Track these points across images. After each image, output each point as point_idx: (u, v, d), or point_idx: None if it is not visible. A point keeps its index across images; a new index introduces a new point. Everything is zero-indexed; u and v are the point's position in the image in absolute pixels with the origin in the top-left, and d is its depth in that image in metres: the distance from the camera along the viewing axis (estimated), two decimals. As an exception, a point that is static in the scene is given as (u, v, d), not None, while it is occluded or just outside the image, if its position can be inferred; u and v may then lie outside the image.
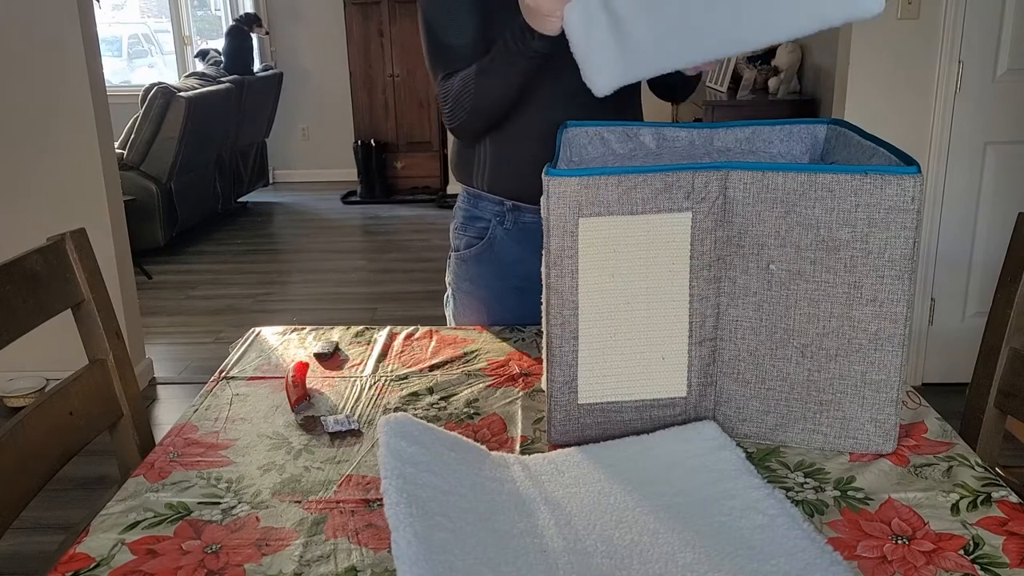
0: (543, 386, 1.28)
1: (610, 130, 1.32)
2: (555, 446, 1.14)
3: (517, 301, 1.55)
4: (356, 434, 1.18)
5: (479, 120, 1.43)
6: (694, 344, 1.11)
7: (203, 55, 6.11)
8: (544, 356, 1.18)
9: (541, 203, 1.10)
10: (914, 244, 1.02)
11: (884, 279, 1.03)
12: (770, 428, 1.12)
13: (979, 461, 1.07)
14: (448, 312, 1.68)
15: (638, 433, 1.13)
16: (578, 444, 1.13)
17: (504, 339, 1.49)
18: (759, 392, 1.11)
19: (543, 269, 1.10)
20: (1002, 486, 1.01)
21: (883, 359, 1.06)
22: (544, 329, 1.14)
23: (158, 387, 3.40)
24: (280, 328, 1.56)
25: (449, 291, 1.66)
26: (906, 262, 1.03)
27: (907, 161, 1.03)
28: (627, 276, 1.08)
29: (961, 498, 0.99)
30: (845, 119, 3.00)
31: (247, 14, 6.14)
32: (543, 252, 1.10)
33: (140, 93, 5.06)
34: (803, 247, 1.05)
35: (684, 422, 1.14)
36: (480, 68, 1.37)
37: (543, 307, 1.14)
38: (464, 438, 1.09)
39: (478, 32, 1.42)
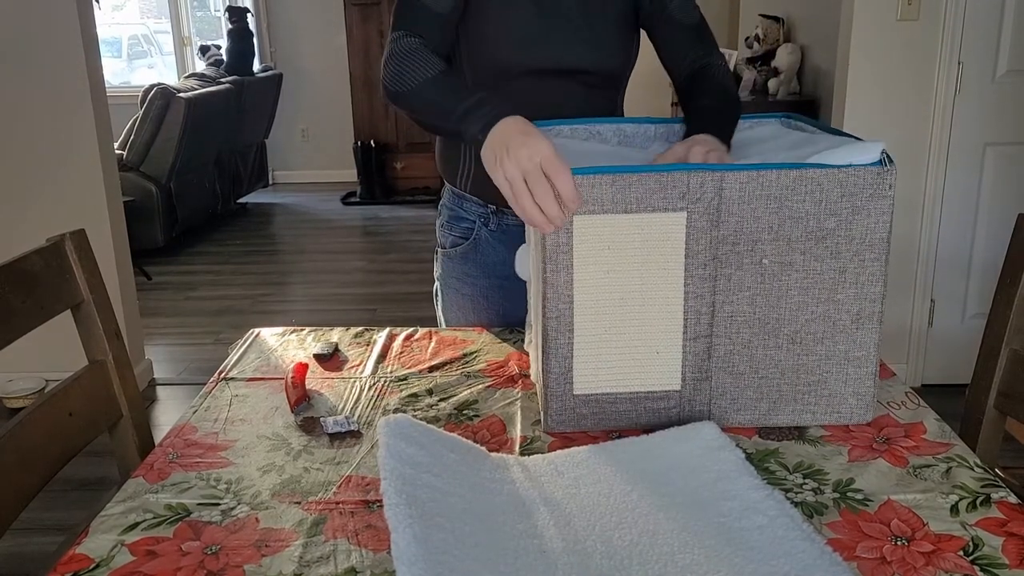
0: (533, 376, 1.29)
1: (572, 129, 1.34)
2: (552, 435, 1.16)
3: (501, 297, 1.58)
4: (355, 435, 1.18)
5: (404, 109, 1.32)
6: (689, 340, 1.13)
7: (204, 51, 6.11)
8: (536, 346, 1.20)
9: None
10: (889, 228, 1.10)
11: (865, 262, 1.10)
12: (762, 414, 1.16)
13: (978, 462, 1.07)
14: (437, 307, 1.69)
15: (634, 424, 1.15)
16: (574, 433, 1.16)
17: (503, 340, 1.49)
18: (752, 382, 1.15)
19: (539, 263, 1.11)
20: (1001, 487, 1.01)
21: (863, 337, 1.13)
22: (535, 321, 1.15)
23: (157, 388, 3.40)
24: (279, 329, 1.56)
25: (437, 285, 1.67)
26: (883, 244, 1.10)
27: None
28: (622, 273, 1.09)
29: (960, 499, 0.99)
30: (845, 120, 3.02)
31: (235, 8, 6.12)
32: (538, 247, 1.10)
33: (140, 94, 5.07)
34: (794, 239, 1.09)
35: (679, 414, 1.15)
36: (429, 90, 1.25)
37: (535, 299, 1.15)
38: (464, 439, 1.09)
39: (453, 9, 1.36)
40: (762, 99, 3.87)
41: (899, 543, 0.92)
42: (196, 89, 5.21)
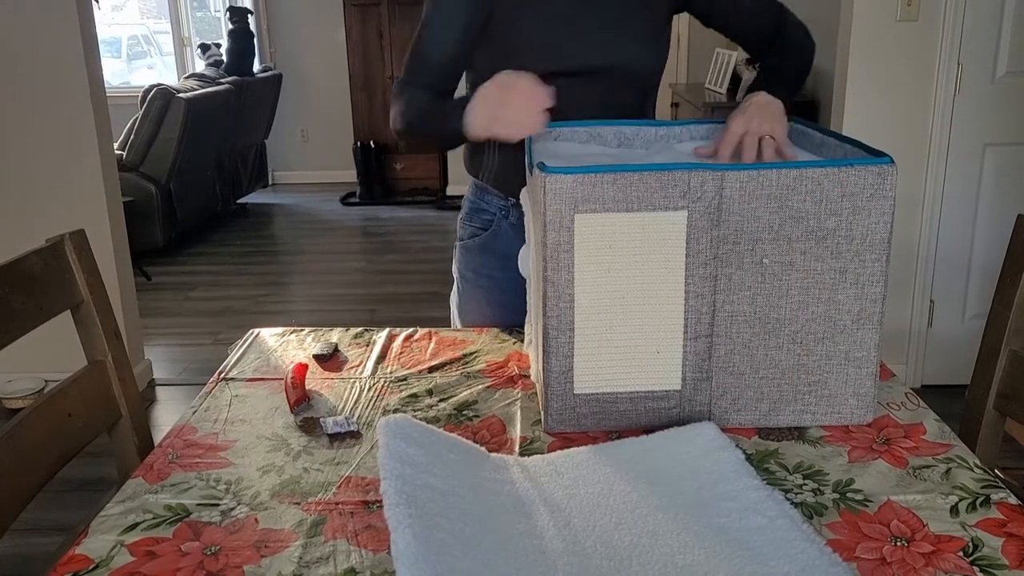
0: (533, 376, 1.29)
1: (572, 130, 1.36)
2: (552, 435, 1.16)
3: (516, 291, 1.56)
4: (355, 435, 1.17)
5: (415, 139, 1.48)
6: (689, 340, 1.13)
7: (204, 49, 6.11)
8: (536, 346, 1.20)
9: (527, 197, 1.11)
10: (890, 228, 1.09)
11: (865, 262, 1.10)
12: (763, 414, 1.16)
13: (978, 463, 1.07)
14: (452, 301, 1.69)
15: (634, 424, 1.15)
16: (574, 433, 1.15)
17: (503, 340, 1.49)
18: (753, 382, 1.15)
19: (539, 262, 1.11)
20: (1001, 488, 1.01)
21: (864, 337, 1.13)
22: (535, 320, 1.15)
23: (157, 388, 3.40)
24: (279, 329, 1.56)
25: (456, 278, 1.68)
26: (884, 245, 1.10)
27: (876, 153, 1.11)
28: (623, 272, 1.09)
29: (960, 500, 0.99)
30: (844, 120, 3.01)
31: (237, 8, 6.12)
32: (539, 245, 1.10)
33: (139, 94, 5.06)
34: (794, 239, 1.09)
35: (679, 414, 1.15)
36: (428, 110, 1.42)
37: (535, 298, 1.15)
38: (463, 439, 1.09)
39: (457, 55, 1.44)
40: (762, 100, 3.86)
41: (899, 544, 0.92)
42: (196, 89, 5.21)
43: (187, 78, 5.68)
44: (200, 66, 6.21)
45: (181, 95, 4.97)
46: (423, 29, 1.44)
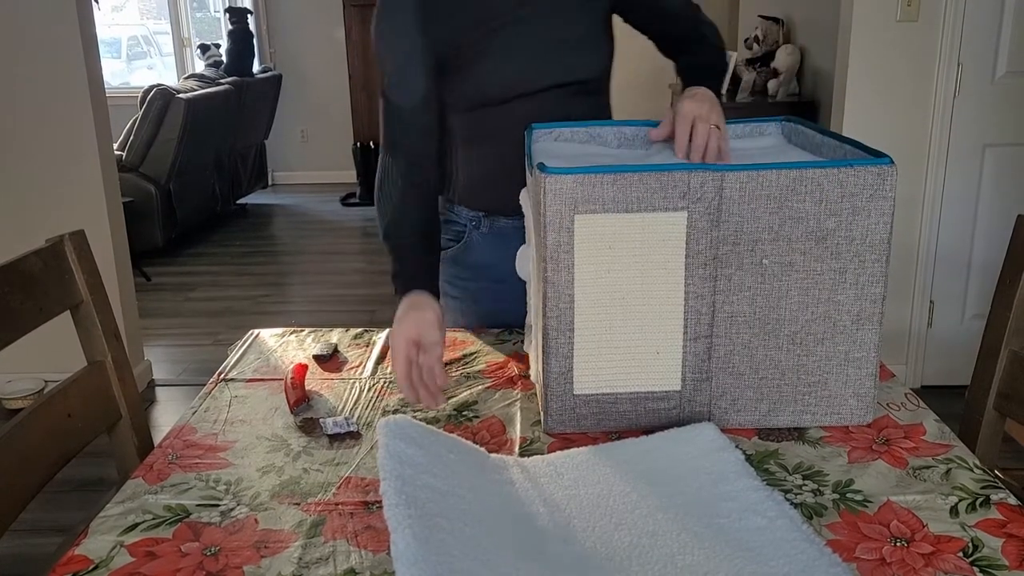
0: (532, 376, 1.29)
1: (572, 131, 1.36)
2: (552, 435, 1.16)
3: (491, 300, 1.56)
4: (355, 436, 1.17)
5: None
6: (689, 340, 1.13)
7: (204, 49, 6.12)
8: (536, 346, 1.20)
9: (526, 198, 1.10)
10: (890, 228, 1.09)
11: (865, 263, 1.10)
12: (763, 414, 1.16)
13: (978, 463, 1.07)
14: None
15: (634, 425, 1.15)
16: (574, 434, 1.15)
17: (503, 341, 1.49)
18: (752, 382, 1.15)
19: (539, 263, 1.11)
20: (1001, 488, 1.01)
21: (864, 337, 1.13)
22: (535, 321, 1.15)
23: (156, 389, 3.40)
24: (279, 330, 1.56)
25: None
26: (884, 245, 1.10)
27: (876, 153, 1.11)
28: (622, 272, 1.10)
29: (960, 500, 0.99)
30: (844, 121, 3.01)
31: (236, 9, 6.12)
32: (539, 246, 1.10)
33: (139, 95, 5.06)
34: (794, 239, 1.09)
35: (679, 415, 1.15)
36: (386, 220, 1.39)
37: (535, 299, 1.15)
38: (463, 440, 1.09)
39: (428, 93, 1.40)
40: (761, 100, 3.87)
41: (899, 544, 0.92)
42: (196, 90, 5.21)
43: (187, 79, 5.68)
44: (200, 67, 6.21)
45: (181, 95, 4.97)
46: (387, 82, 1.39)
